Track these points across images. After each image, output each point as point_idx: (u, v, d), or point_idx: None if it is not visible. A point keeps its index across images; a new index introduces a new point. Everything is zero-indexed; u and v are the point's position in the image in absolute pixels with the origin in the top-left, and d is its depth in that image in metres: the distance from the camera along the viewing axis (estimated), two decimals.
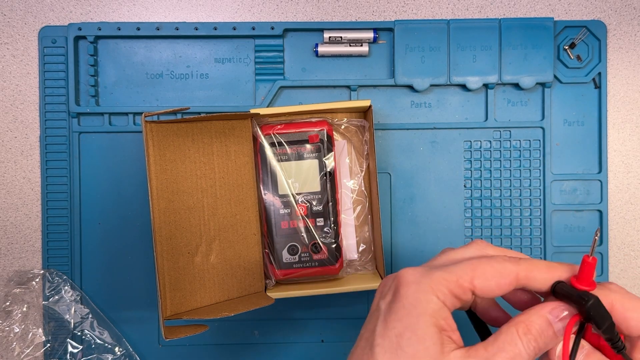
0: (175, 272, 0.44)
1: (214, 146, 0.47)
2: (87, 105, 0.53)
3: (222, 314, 0.43)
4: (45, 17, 0.54)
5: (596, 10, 0.55)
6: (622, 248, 0.55)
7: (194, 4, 0.54)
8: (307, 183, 0.48)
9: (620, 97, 0.55)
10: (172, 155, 0.45)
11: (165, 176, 0.44)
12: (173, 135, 0.45)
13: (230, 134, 0.48)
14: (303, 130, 0.48)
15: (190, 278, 0.45)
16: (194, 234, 0.46)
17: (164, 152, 0.44)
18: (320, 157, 0.48)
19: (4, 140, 0.54)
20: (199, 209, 0.46)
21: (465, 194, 0.54)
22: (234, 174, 0.48)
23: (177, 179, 0.45)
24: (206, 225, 0.46)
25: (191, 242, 0.45)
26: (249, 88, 0.54)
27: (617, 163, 0.55)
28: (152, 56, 0.53)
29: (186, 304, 0.45)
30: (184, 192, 0.45)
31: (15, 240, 0.54)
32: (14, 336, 0.51)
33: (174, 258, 0.44)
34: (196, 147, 0.46)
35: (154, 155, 0.44)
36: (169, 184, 0.44)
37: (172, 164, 0.45)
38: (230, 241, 0.48)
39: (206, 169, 0.47)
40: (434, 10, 0.55)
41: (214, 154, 0.47)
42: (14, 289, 0.52)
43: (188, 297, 0.45)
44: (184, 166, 0.45)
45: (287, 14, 0.54)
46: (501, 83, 0.53)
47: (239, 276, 0.48)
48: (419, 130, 0.54)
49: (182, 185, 0.45)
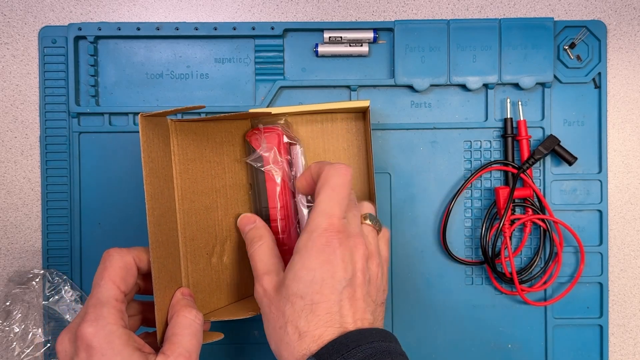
0: (196, 273, 0.44)
1: (224, 146, 0.47)
2: (87, 105, 0.53)
3: (249, 314, 0.43)
4: (45, 17, 0.54)
5: (596, 10, 0.55)
6: (622, 248, 0.55)
7: (194, 4, 0.54)
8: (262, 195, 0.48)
9: (620, 97, 0.55)
10: (192, 155, 0.44)
11: (187, 176, 0.43)
12: (193, 134, 0.44)
13: (236, 134, 0.48)
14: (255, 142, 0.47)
15: (209, 279, 0.45)
16: (211, 235, 0.45)
17: (186, 152, 0.43)
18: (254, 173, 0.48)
19: (4, 140, 0.54)
20: (214, 209, 0.46)
21: (466, 194, 0.54)
22: (241, 174, 0.48)
23: (196, 179, 0.44)
24: (220, 225, 0.46)
25: (208, 243, 0.45)
26: (249, 88, 0.54)
27: (617, 163, 0.55)
28: (152, 56, 0.53)
29: (207, 305, 0.45)
30: (202, 192, 0.45)
31: (15, 240, 0.54)
32: (14, 336, 0.51)
33: (196, 259, 0.44)
34: (210, 146, 0.46)
35: (178, 154, 0.43)
36: (191, 184, 0.44)
37: (192, 164, 0.44)
38: (239, 242, 0.47)
39: (218, 169, 0.46)
40: (434, 10, 0.55)
41: (224, 154, 0.47)
42: (14, 289, 0.52)
43: (208, 298, 0.45)
44: (202, 166, 0.45)
45: (287, 14, 0.54)
46: (501, 83, 0.53)
47: (246, 277, 0.48)
48: (418, 130, 0.54)
49: (201, 185, 0.45)
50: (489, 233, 0.53)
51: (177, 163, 0.43)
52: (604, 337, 0.54)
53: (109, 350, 0.32)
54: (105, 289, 0.35)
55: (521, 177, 0.52)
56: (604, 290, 0.54)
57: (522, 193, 0.52)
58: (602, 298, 0.54)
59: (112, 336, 0.33)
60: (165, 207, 0.41)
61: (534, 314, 0.54)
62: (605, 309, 0.54)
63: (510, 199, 0.51)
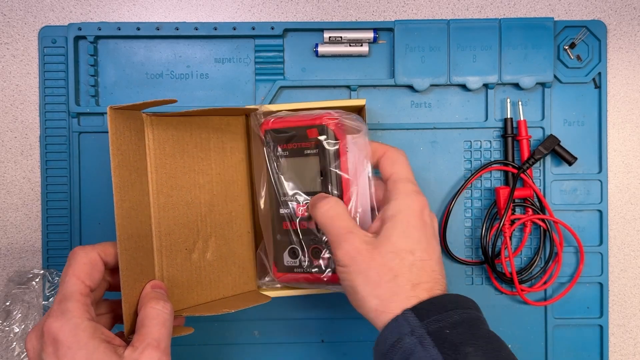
0: (172, 268, 0.44)
1: (211, 142, 0.47)
2: (87, 105, 0.53)
3: (223, 311, 0.42)
4: (45, 17, 0.54)
5: (596, 10, 0.55)
6: (622, 248, 0.55)
7: (194, 4, 0.54)
8: (307, 182, 0.45)
9: (621, 97, 0.55)
10: (171, 150, 0.44)
11: (164, 170, 0.43)
12: (172, 128, 0.44)
13: (226, 130, 0.48)
14: (302, 123, 0.43)
15: (187, 275, 0.45)
16: (192, 230, 0.45)
17: (164, 146, 0.43)
18: (320, 154, 0.43)
19: (4, 140, 0.54)
20: (197, 205, 0.46)
21: (466, 194, 0.54)
22: (229, 170, 0.48)
23: (175, 174, 0.44)
24: (203, 221, 0.46)
25: (189, 238, 0.45)
26: (249, 88, 0.54)
27: (617, 163, 0.55)
28: (152, 56, 0.53)
29: (184, 301, 0.45)
30: (182, 187, 0.45)
31: (15, 240, 0.54)
32: (14, 336, 0.51)
33: (172, 254, 0.44)
34: (194, 141, 0.46)
35: (154, 148, 0.43)
36: (168, 179, 0.44)
37: (171, 159, 0.44)
38: (226, 238, 0.47)
39: (203, 165, 0.46)
40: (434, 10, 0.55)
41: (211, 150, 0.47)
42: (14, 289, 0.52)
43: (185, 294, 0.45)
44: (183, 161, 0.45)
45: (287, 14, 0.54)
46: (501, 83, 0.53)
47: (233, 274, 0.48)
48: (419, 130, 0.54)
49: (181, 181, 0.45)
50: (489, 233, 0.53)
51: (153, 157, 0.43)
52: (604, 337, 0.54)
53: (74, 343, 0.32)
54: (70, 284, 0.35)
55: (521, 177, 0.52)
56: (604, 290, 0.54)
57: (522, 193, 0.52)
58: (602, 298, 0.54)
59: (77, 329, 0.33)
60: (136, 200, 0.41)
61: (534, 314, 0.54)
62: (605, 309, 0.54)
63: (511, 199, 0.51)
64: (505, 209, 0.51)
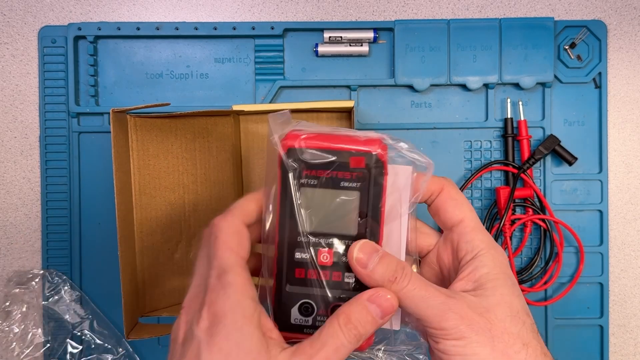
0: (154, 268, 0.44)
1: (197, 142, 0.47)
2: (87, 105, 0.53)
3: None
4: (45, 17, 0.54)
5: (596, 10, 0.55)
6: (622, 248, 0.55)
7: (194, 4, 0.54)
8: (340, 222, 0.34)
9: (621, 97, 0.55)
10: (154, 151, 0.44)
11: (148, 171, 0.44)
12: (157, 129, 0.44)
13: (212, 130, 0.48)
14: (344, 148, 0.32)
15: (170, 275, 0.45)
16: (175, 231, 0.45)
17: (147, 147, 0.44)
18: (364, 190, 0.33)
19: (4, 140, 0.54)
20: (180, 205, 0.46)
21: (466, 193, 0.54)
22: (215, 170, 0.48)
23: (159, 175, 0.45)
24: (187, 221, 0.46)
25: (172, 238, 0.45)
26: (249, 88, 0.54)
27: (617, 163, 0.55)
28: (152, 56, 0.53)
29: (165, 300, 0.45)
30: (166, 187, 0.45)
31: (15, 240, 0.54)
32: (14, 336, 0.51)
33: (154, 254, 0.44)
34: (179, 142, 0.46)
35: (137, 149, 0.43)
36: (152, 180, 0.44)
37: (155, 160, 0.44)
38: None
39: (188, 165, 0.46)
40: (434, 10, 0.54)
41: (196, 150, 0.47)
42: (14, 289, 0.52)
43: (167, 294, 0.45)
44: (167, 161, 0.45)
45: (287, 14, 0.54)
46: (501, 83, 0.53)
47: None
48: (419, 130, 0.54)
49: (165, 181, 0.45)
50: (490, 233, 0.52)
51: (136, 158, 0.43)
52: (604, 338, 0.54)
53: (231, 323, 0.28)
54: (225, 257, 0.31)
55: (521, 177, 0.52)
56: (604, 291, 0.54)
57: (522, 193, 0.52)
58: (602, 298, 0.54)
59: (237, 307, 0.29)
60: (128, 201, 0.42)
61: (534, 314, 0.53)
62: (605, 309, 0.54)
63: (511, 199, 0.51)
64: (505, 209, 0.51)
